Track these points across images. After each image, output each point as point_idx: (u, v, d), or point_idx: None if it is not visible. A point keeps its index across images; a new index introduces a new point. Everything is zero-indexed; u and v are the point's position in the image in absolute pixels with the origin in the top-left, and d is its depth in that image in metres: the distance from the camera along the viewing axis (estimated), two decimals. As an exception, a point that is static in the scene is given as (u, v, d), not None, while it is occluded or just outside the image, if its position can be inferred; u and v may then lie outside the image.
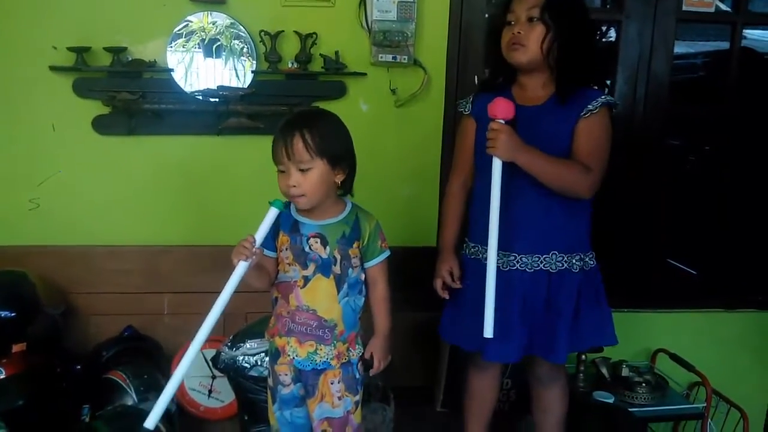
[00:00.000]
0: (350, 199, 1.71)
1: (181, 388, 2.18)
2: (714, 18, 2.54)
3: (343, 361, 1.68)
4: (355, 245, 1.65)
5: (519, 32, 1.73)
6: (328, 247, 1.62)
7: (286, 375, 1.68)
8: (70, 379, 2.10)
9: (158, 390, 1.99)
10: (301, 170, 1.55)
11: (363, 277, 1.70)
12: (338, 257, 1.63)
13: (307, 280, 1.63)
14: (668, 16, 2.39)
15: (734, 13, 2.51)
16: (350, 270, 1.65)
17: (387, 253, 1.72)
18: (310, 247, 1.62)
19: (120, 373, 2.01)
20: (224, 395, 2.20)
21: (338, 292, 1.64)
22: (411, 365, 2.40)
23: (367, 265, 1.69)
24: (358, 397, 1.73)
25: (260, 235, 1.52)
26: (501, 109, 1.66)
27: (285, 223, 1.63)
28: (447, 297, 1.90)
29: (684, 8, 2.41)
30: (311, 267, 1.63)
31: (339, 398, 1.68)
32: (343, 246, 1.63)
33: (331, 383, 1.67)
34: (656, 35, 2.40)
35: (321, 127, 1.58)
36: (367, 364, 1.74)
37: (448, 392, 2.31)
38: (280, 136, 1.57)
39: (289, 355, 1.66)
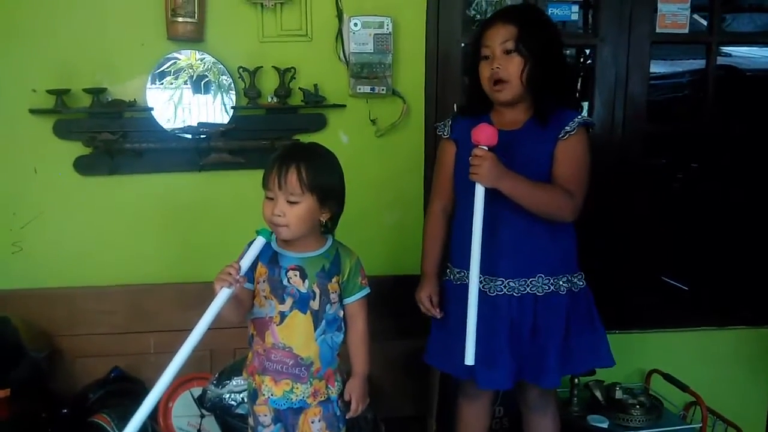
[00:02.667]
0: (331, 236, 1.71)
1: (169, 428, 2.14)
2: (688, 39, 2.58)
3: (321, 398, 1.66)
4: (334, 280, 1.64)
5: (498, 67, 1.74)
6: (306, 281, 1.61)
7: (266, 416, 1.66)
8: (57, 423, 2.07)
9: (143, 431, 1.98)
10: (290, 202, 1.55)
11: (342, 313, 1.68)
12: (317, 292, 1.62)
13: (283, 316, 1.61)
14: (642, 39, 2.42)
15: (708, 33, 2.54)
16: (328, 306, 1.64)
17: (367, 291, 1.71)
18: (288, 280, 1.61)
19: (104, 417, 1.98)
20: (213, 434, 2.18)
21: (315, 329, 1.62)
22: (402, 395, 2.38)
23: (347, 301, 1.68)
24: None
25: (246, 263, 1.51)
26: (485, 135, 1.66)
27: (264, 255, 1.61)
28: (438, 316, 1.88)
29: (658, 30, 2.43)
30: (288, 302, 1.61)
31: None
32: (322, 280, 1.62)
33: (312, 422, 1.65)
34: (631, 58, 2.42)
35: (318, 164, 1.59)
36: (348, 405, 1.71)
37: (440, 422, 2.28)
38: (275, 164, 1.57)
39: (264, 395, 1.64)
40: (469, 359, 1.67)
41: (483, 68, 1.79)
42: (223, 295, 1.46)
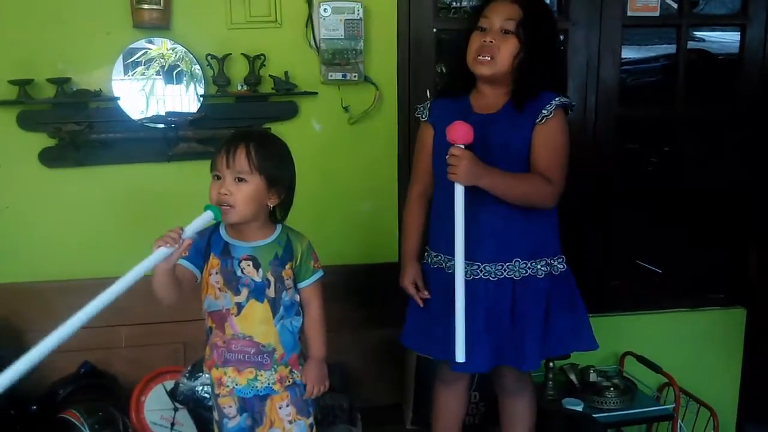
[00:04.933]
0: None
1: (142, 422, 2.12)
2: (659, 22, 2.58)
3: (288, 384, 1.66)
4: (288, 266, 1.63)
5: (491, 41, 1.71)
6: (260, 270, 1.60)
7: (231, 407, 1.65)
8: (26, 421, 2.03)
9: (114, 426, 1.96)
10: (237, 180, 1.54)
11: (298, 298, 1.68)
12: (271, 280, 1.61)
13: (240, 307, 1.60)
14: (614, 22, 2.42)
15: (678, 16, 2.55)
16: (284, 292, 1.63)
17: (320, 273, 1.70)
18: (242, 271, 1.59)
19: (74, 412, 1.94)
20: (187, 427, 2.14)
21: (273, 315, 1.61)
22: (378, 384, 2.38)
23: (301, 285, 1.67)
24: (311, 420, 1.70)
25: (189, 230, 1.44)
26: (460, 133, 1.63)
27: (216, 246, 1.60)
28: (425, 297, 1.87)
29: (629, 13, 2.43)
30: (244, 292, 1.60)
31: (290, 422, 1.66)
32: (276, 267, 1.61)
33: (279, 408, 1.65)
34: (603, 41, 2.42)
35: (267, 147, 1.59)
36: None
37: (417, 409, 2.28)
38: (224, 144, 1.57)
39: (228, 386, 1.63)
40: (460, 356, 1.66)
41: (474, 38, 1.75)
42: (158, 254, 1.39)
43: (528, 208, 1.73)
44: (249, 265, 1.59)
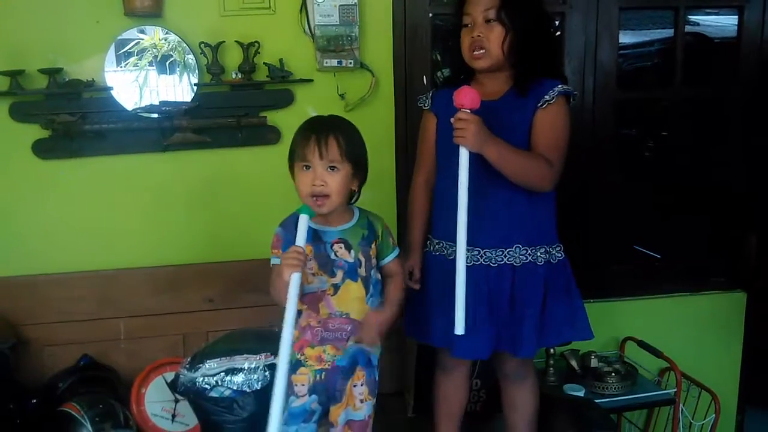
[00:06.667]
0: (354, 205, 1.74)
1: (143, 414, 2.11)
2: (656, 4, 2.56)
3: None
4: (373, 245, 1.68)
5: (479, 35, 1.72)
6: (352, 251, 1.64)
7: (303, 385, 1.66)
8: (26, 414, 2.01)
9: (115, 418, 1.94)
10: (330, 168, 1.57)
11: (379, 277, 1.72)
12: (362, 260, 1.65)
13: (336, 287, 1.63)
14: (611, 5, 2.40)
15: (675, -2, 2.53)
16: (372, 271, 1.68)
17: (398, 250, 1.76)
18: (335, 254, 1.63)
19: (74, 405, 1.92)
20: (189, 419, 2.13)
21: (366, 293, 1.66)
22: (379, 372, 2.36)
23: (384, 262, 1.72)
24: (374, 400, 1.74)
25: (300, 241, 1.51)
26: (468, 98, 1.63)
27: None
28: (415, 287, 1.88)
29: (627, -5, 2.43)
30: (339, 274, 1.63)
31: (361, 401, 1.70)
32: (364, 248, 1.66)
33: (354, 386, 1.69)
34: (600, 24, 2.40)
35: (351, 133, 1.63)
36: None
37: (418, 397, 2.27)
38: (311, 133, 1.58)
39: (328, 362, 1.65)
40: (459, 329, 1.65)
41: (464, 36, 1.77)
42: (295, 281, 1.47)
43: (526, 187, 1.72)
44: (341, 248, 1.64)
